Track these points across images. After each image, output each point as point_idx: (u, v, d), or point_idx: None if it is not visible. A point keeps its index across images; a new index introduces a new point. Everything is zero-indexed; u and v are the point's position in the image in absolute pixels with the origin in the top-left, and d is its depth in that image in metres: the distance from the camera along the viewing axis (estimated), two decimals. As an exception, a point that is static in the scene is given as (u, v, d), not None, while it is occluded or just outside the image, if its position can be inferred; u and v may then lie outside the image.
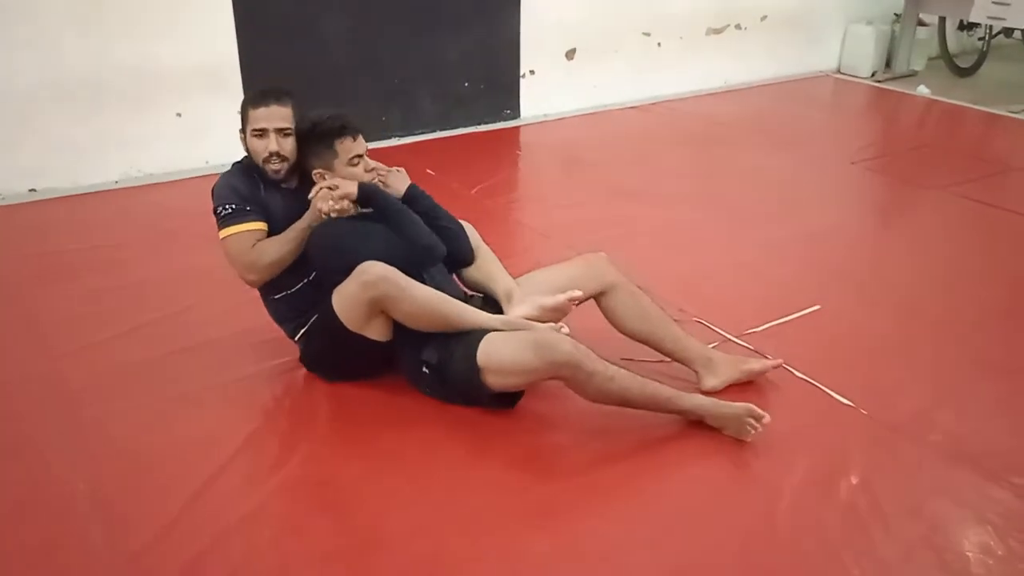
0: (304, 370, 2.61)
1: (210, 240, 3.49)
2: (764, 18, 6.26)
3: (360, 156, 2.47)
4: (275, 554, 1.97)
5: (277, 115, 2.44)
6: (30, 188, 4.06)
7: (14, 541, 2.00)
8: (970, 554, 1.99)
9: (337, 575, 1.92)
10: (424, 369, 2.41)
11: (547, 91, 5.48)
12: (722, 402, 2.33)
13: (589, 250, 2.72)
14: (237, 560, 1.94)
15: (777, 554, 1.98)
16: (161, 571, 1.90)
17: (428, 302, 2.33)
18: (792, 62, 6.54)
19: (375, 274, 2.30)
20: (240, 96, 4.35)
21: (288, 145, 2.47)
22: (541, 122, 5.41)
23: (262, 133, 2.44)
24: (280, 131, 2.44)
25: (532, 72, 5.39)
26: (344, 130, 2.43)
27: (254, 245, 2.43)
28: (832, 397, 2.55)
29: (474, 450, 2.31)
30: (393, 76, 4.85)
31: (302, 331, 2.55)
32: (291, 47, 4.48)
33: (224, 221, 2.45)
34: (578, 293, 2.40)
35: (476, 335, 2.32)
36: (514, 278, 2.56)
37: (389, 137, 4.92)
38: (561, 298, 2.36)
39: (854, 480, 2.20)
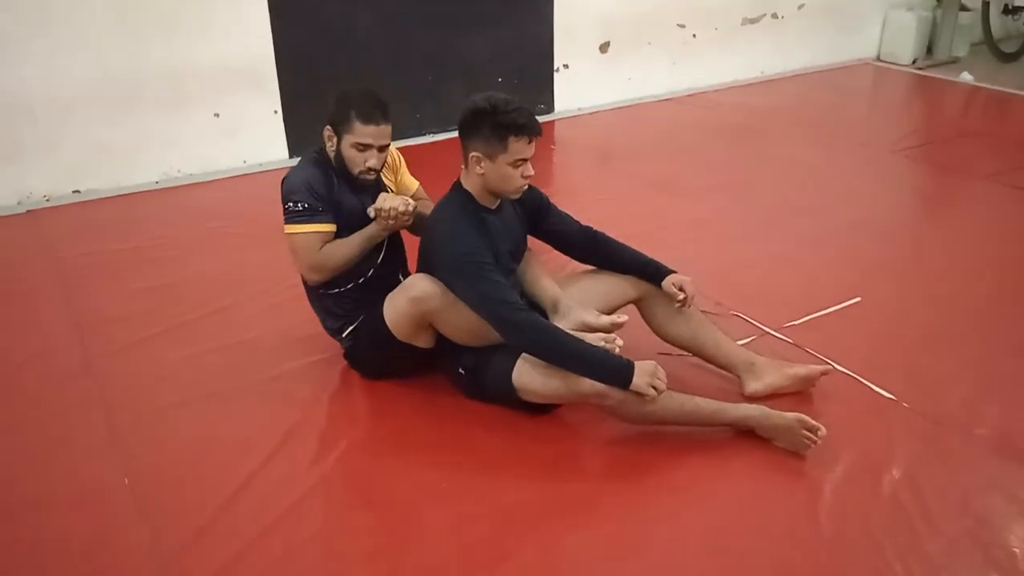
0: (342, 367, 2.63)
1: (249, 239, 3.58)
2: (801, 6, 6.17)
3: (526, 161, 2.26)
4: (315, 550, 1.99)
5: (384, 134, 2.41)
6: (74, 189, 4.14)
7: (58, 538, 2.04)
8: (1016, 549, 1.95)
9: (377, 570, 1.94)
10: (460, 370, 2.42)
11: (581, 85, 5.45)
12: (772, 411, 2.26)
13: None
14: (278, 555, 1.96)
15: (820, 548, 1.96)
16: (203, 567, 1.93)
17: (474, 320, 2.29)
18: (830, 50, 6.44)
19: (423, 290, 2.30)
20: (277, 95, 4.44)
21: (384, 159, 2.47)
22: (575, 116, 5.39)
23: (365, 148, 2.40)
24: (381, 148, 2.43)
25: (566, 66, 5.37)
26: (524, 129, 2.20)
27: (321, 247, 2.41)
28: (874, 391, 2.51)
29: (513, 447, 2.31)
30: (427, 72, 4.86)
31: (350, 329, 2.56)
32: (326, 45, 4.53)
33: (295, 217, 2.40)
34: (624, 319, 2.37)
35: (515, 348, 2.30)
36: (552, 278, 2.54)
37: (423, 133, 4.93)
38: (605, 320, 2.34)
39: (898, 474, 2.17)
